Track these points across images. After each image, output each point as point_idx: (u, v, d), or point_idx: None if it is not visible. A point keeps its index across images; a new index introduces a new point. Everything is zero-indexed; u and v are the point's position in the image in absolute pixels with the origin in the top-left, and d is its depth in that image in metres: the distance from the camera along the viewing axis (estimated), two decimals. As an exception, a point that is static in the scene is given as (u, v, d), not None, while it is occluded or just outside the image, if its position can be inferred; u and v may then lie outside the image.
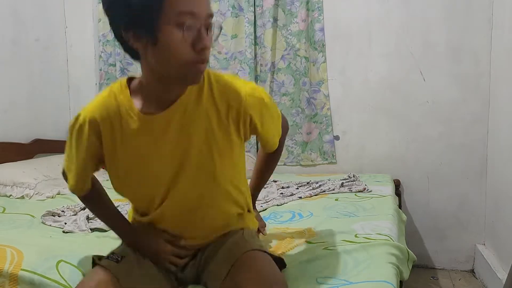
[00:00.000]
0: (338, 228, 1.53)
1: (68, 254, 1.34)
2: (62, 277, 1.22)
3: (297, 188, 2.17)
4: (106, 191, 1.22)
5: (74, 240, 1.49)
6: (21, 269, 1.23)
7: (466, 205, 2.48)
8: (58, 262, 1.27)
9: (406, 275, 1.31)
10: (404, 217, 1.95)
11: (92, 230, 1.57)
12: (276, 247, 1.39)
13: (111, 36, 2.83)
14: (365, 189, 2.10)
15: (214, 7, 2.72)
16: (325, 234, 1.47)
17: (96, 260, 1.07)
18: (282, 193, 2.07)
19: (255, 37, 2.67)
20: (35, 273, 1.23)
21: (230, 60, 2.73)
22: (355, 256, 1.25)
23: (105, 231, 1.56)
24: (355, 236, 1.44)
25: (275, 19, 2.65)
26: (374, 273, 1.14)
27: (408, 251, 1.38)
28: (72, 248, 1.40)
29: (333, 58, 2.61)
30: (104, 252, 1.12)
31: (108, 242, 1.43)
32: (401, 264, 1.28)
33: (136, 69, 2.83)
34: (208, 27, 0.92)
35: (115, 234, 1.23)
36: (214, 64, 2.75)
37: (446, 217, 2.52)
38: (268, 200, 1.96)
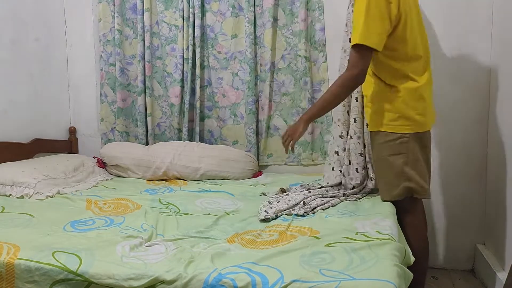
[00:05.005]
0: (340, 226, 1.54)
1: (65, 246, 1.37)
2: (58, 261, 1.27)
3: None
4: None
5: (72, 237, 1.49)
6: (17, 258, 1.29)
7: (466, 205, 2.48)
8: (54, 252, 1.32)
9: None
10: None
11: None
12: (279, 239, 1.42)
13: (111, 36, 2.83)
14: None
15: (214, 7, 2.72)
16: (327, 232, 1.48)
17: None
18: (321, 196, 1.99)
19: (255, 37, 2.67)
20: (31, 260, 1.28)
21: (230, 59, 2.73)
22: (361, 254, 1.26)
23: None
24: (355, 234, 1.44)
25: (275, 19, 2.65)
26: (379, 272, 1.14)
27: (406, 254, 1.38)
28: (70, 243, 1.41)
29: (333, 58, 2.61)
30: (104, 251, 1.11)
31: (108, 241, 1.43)
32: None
33: (135, 69, 2.83)
34: None
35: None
36: (214, 64, 2.75)
37: (446, 217, 2.52)
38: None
